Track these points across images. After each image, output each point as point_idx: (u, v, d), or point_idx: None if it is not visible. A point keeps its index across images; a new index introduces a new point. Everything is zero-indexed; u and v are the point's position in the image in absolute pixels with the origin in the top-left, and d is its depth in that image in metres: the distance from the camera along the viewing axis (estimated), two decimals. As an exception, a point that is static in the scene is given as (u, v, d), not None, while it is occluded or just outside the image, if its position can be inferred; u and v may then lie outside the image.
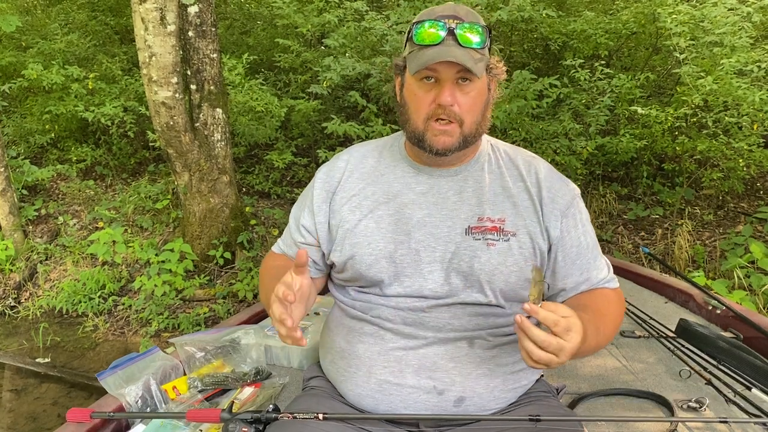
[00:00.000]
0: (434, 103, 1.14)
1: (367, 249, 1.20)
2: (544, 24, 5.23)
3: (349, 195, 1.27)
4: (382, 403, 1.17)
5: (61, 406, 3.45)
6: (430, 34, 1.12)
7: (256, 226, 5.05)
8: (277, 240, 1.43)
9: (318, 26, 5.45)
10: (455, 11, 1.15)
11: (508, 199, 1.21)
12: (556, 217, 1.20)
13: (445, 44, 1.11)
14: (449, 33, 1.12)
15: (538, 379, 1.31)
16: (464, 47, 1.11)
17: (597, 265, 1.25)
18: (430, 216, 1.20)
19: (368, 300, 1.23)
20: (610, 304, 1.21)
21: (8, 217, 5.02)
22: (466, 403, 1.15)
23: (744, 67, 3.93)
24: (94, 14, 6.95)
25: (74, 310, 4.64)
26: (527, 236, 1.18)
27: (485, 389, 1.16)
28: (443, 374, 1.15)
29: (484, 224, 1.18)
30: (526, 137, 4.66)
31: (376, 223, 1.22)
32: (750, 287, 3.66)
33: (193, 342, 1.77)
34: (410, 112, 1.19)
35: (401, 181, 1.25)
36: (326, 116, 4.90)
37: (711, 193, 5.13)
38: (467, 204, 1.20)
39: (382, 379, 1.17)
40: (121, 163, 6.28)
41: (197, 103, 4.55)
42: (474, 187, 1.22)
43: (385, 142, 1.35)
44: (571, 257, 1.21)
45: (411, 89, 1.18)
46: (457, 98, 1.13)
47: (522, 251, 1.18)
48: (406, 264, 1.18)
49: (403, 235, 1.19)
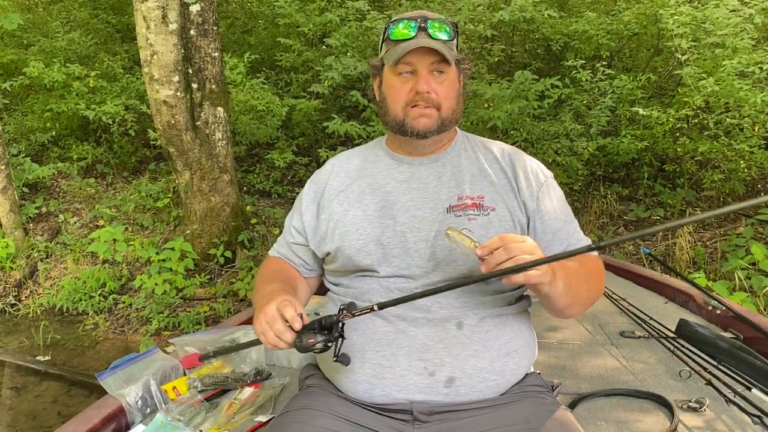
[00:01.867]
0: (412, 91, 1.26)
1: (355, 235, 1.28)
2: (545, 24, 5.24)
3: (337, 191, 1.36)
4: (376, 388, 1.20)
5: (61, 404, 3.45)
6: (403, 32, 1.25)
7: (257, 225, 5.05)
8: (273, 246, 1.52)
9: (319, 26, 5.45)
10: (423, 14, 1.28)
11: (485, 179, 1.30)
12: (532, 192, 1.28)
13: (418, 37, 1.24)
14: (420, 29, 1.25)
15: (534, 374, 1.31)
16: (435, 40, 1.24)
17: (577, 237, 1.31)
18: (413, 200, 1.29)
19: (360, 286, 1.29)
20: (584, 258, 1.25)
21: (9, 214, 5.03)
22: (456, 383, 1.17)
23: (745, 68, 3.93)
24: (95, 12, 6.96)
25: (74, 309, 4.65)
26: (506, 210, 1.26)
27: (474, 369, 1.18)
28: (433, 355, 1.18)
29: (464, 202, 1.26)
30: (527, 138, 4.66)
31: (363, 211, 1.30)
32: (751, 289, 3.66)
33: (193, 342, 1.78)
34: (389, 103, 1.30)
35: (384, 173, 1.35)
36: (327, 116, 4.90)
37: (712, 195, 5.12)
38: (447, 186, 1.29)
39: (375, 363, 1.20)
40: (122, 161, 6.28)
41: (198, 102, 4.56)
42: (452, 171, 1.32)
43: (368, 145, 1.47)
44: (551, 228, 1.28)
45: (389, 82, 1.30)
46: (432, 86, 1.25)
47: (502, 224, 1.25)
48: (393, 245, 1.26)
49: (389, 219, 1.28)
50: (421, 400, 1.18)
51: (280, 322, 1.10)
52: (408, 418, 1.18)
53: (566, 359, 1.82)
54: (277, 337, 1.10)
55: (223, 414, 1.51)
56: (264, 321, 1.12)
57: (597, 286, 1.29)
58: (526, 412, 1.16)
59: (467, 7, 4.38)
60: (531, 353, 1.30)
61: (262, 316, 1.13)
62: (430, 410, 1.17)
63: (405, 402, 1.18)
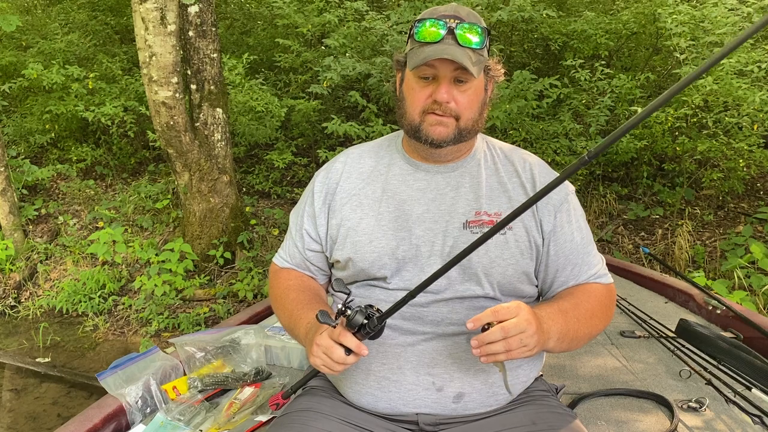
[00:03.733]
0: (430, 98, 1.18)
1: (368, 247, 1.22)
2: (544, 24, 5.23)
3: (349, 195, 1.29)
4: (381, 400, 1.18)
5: (60, 405, 3.45)
6: (430, 32, 1.15)
7: (257, 226, 5.05)
8: (278, 251, 1.43)
9: (318, 26, 5.45)
10: (456, 11, 1.18)
11: (504, 194, 1.24)
12: (550, 212, 1.22)
13: (445, 42, 1.14)
14: (449, 32, 1.15)
15: (538, 378, 1.31)
16: (463, 47, 1.14)
17: (589, 261, 1.26)
18: (428, 212, 1.23)
19: (367, 295, 1.24)
20: (588, 294, 1.23)
21: (8, 216, 5.03)
22: (465, 399, 1.16)
23: (744, 67, 3.94)
24: (94, 14, 6.95)
25: (74, 310, 4.64)
26: (523, 230, 1.21)
27: (484, 385, 1.17)
28: (442, 370, 1.16)
29: (481, 218, 1.21)
30: (527, 137, 4.66)
31: (376, 220, 1.24)
32: (750, 287, 3.66)
33: (193, 342, 1.77)
34: (407, 106, 1.23)
35: (399, 179, 1.28)
36: (326, 116, 4.90)
37: (711, 194, 5.12)
38: (464, 199, 1.23)
39: (380, 376, 1.18)
40: (121, 162, 6.28)
41: (197, 103, 4.55)
42: (471, 182, 1.25)
43: (382, 143, 1.38)
44: (564, 252, 1.23)
45: (410, 84, 1.22)
46: (453, 96, 1.17)
47: (518, 244, 1.20)
48: (408, 259, 1.21)
49: (404, 232, 1.22)
50: (428, 413, 1.16)
51: (338, 348, 1.06)
52: (413, 428, 1.17)
53: (566, 359, 1.82)
54: (342, 364, 1.07)
55: (223, 414, 1.51)
56: (322, 353, 1.08)
57: (601, 322, 1.24)
58: (532, 415, 1.16)
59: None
60: (539, 362, 1.29)
61: (317, 348, 1.08)
62: (436, 421, 1.16)
63: (410, 414, 1.17)
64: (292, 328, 1.27)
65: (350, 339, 1.05)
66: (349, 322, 1.05)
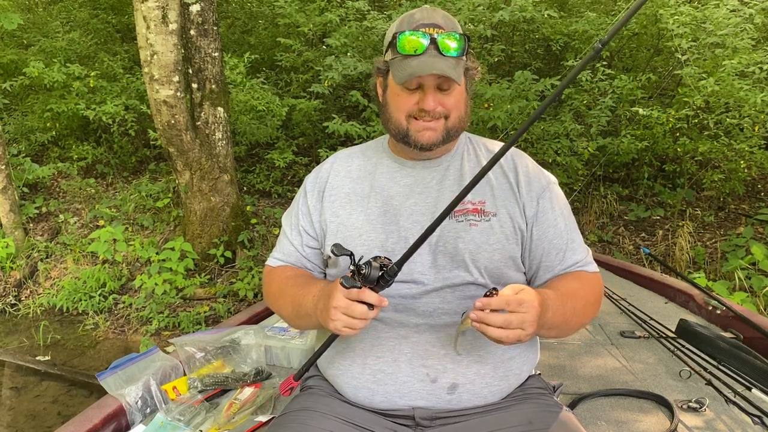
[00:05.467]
0: (417, 106, 1.22)
1: (358, 241, 1.25)
2: (545, 25, 5.23)
3: (338, 192, 1.33)
4: (377, 394, 1.19)
5: (60, 404, 3.45)
6: (412, 44, 1.17)
7: (257, 225, 5.05)
8: (272, 254, 1.42)
9: (319, 26, 5.45)
10: (434, 20, 1.21)
11: (487, 183, 1.27)
12: (532, 198, 1.26)
13: (428, 54, 1.17)
14: (431, 42, 1.17)
15: (535, 376, 1.31)
16: (446, 56, 1.17)
17: (573, 247, 1.28)
18: (416, 205, 1.27)
19: None
20: (581, 282, 1.25)
21: (9, 214, 5.03)
22: (459, 390, 1.17)
23: (746, 68, 3.94)
24: (95, 12, 6.96)
25: (74, 309, 4.64)
26: (507, 216, 1.24)
27: (476, 375, 1.18)
28: (435, 361, 1.18)
29: (465, 207, 1.24)
30: (527, 137, 4.66)
31: (365, 216, 1.28)
32: (751, 289, 3.66)
33: (193, 342, 1.78)
34: (391, 111, 1.26)
35: (387, 176, 1.32)
36: (327, 116, 4.90)
37: (712, 195, 5.12)
38: (449, 191, 1.27)
39: (376, 369, 1.20)
40: (122, 161, 6.28)
41: (198, 102, 4.56)
42: (455, 175, 1.29)
43: (369, 144, 1.43)
44: (548, 236, 1.26)
45: (394, 92, 1.25)
46: (440, 101, 1.21)
47: (503, 229, 1.23)
48: (398, 251, 1.20)
49: (393, 225, 1.26)
50: (423, 406, 1.17)
51: (358, 305, 1.05)
52: (410, 423, 1.18)
53: (566, 359, 1.82)
54: (365, 320, 1.07)
55: (223, 414, 1.52)
56: (341, 314, 1.06)
57: (593, 311, 1.27)
58: (528, 414, 1.16)
59: (467, 7, 4.39)
60: (533, 356, 1.30)
61: (335, 311, 1.07)
62: (432, 416, 1.17)
63: (407, 408, 1.18)
64: (298, 308, 1.25)
65: (369, 294, 1.05)
66: (366, 279, 1.06)
